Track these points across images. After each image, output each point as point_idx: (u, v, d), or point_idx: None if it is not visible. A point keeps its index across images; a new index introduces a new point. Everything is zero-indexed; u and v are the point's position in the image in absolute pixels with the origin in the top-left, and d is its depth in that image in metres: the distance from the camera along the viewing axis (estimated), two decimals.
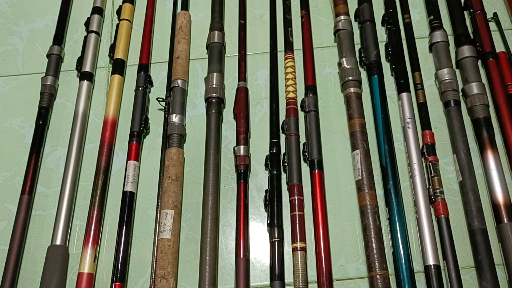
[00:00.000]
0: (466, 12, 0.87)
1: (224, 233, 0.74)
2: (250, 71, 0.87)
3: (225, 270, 0.71)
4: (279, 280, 0.66)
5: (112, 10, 0.96)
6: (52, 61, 0.87)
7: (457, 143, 0.74)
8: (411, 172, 0.73)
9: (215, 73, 0.82)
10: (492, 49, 0.81)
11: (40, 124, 0.81)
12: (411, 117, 0.76)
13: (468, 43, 0.81)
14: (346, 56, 0.81)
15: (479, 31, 0.83)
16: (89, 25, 0.91)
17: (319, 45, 0.89)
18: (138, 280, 0.71)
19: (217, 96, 0.81)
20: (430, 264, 0.66)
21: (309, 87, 0.81)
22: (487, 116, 0.75)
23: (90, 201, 0.74)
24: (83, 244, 0.70)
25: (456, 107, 0.77)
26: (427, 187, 0.71)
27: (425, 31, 0.88)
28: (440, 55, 0.81)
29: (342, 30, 0.85)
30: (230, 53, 0.89)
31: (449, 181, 0.74)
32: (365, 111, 0.78)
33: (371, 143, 0.76)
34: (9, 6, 0.99)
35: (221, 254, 0.72)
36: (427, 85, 0.82)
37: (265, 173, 0.77)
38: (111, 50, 0.88)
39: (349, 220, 0.73)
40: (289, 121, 0.78)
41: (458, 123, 0.76)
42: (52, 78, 0.85)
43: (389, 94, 0.81)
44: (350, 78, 0.79)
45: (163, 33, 0.92)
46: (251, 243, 0.72)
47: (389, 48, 0.83)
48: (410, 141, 0.74)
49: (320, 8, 0.93)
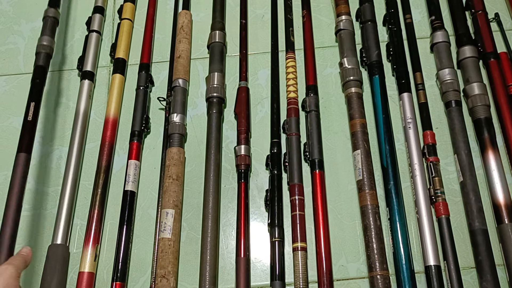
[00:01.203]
0: (468, 12, 0.86)
1: (225, 233, 0.74)
2: (251, 70, 0.87)
3: (225, 270, 0.71)
4: (280, 280, 0.67)
5: (113, 9, 0.96)
6: (47, 23, 0.84)
7: (458, 143, 0.74)
8: (412, 172, 0.72)
9: (216, 73, 0.82)
10: (493, 49, 0.81)
11: (37, 82, 0.77)
12: (412, 117, 0.76)
13: (470, 44, 0.81)
14: (347, 56, 0.81)
15: (480, 31, 0.83)
16: (91, 25, 0.91)
17: (320, 45, 0.88)
18: (138, 279, 0.71)
19: (218, 96, 0.81)
20: (430, 264, 0.66)
21: (310, 87, 0.81)
22: (488, 117, 0.75)
23: (90, 200, 0.74)
24: (83, 243, 0.71)
25: (457, 108, 0.77)
26: (427, 187, 0.71)
27: (427, 31, 0.88)
28: (441, 55, 0.81)
29: (343, 30, 0.85)
30: (231, 52, 0.89)
31: (450, 181, 0.74)
32: (366, 111, 0.78)
33: (372, 143, 0.76)
34: (10, 5, 0.99)
35: (222, 254, 0.72)
36: (428, 85, 0.82)
37: (266, 173, 0.77)
38: (112, 50, 0.88)
39: (350, 220, 0.73)
40: (290, 121, 0.78)
41: (459, 123, 0.75)
42: (48, 38, 0.82)
43: (390, 94, 0.81)
44: (351, 78, 0.79)
45: (164, 33, 0.92)
46: (251, 242, 0.72)
47: (390, 48, 0.83)
48: (411, 141, 0.74)
49: (321, 8, 0.93)
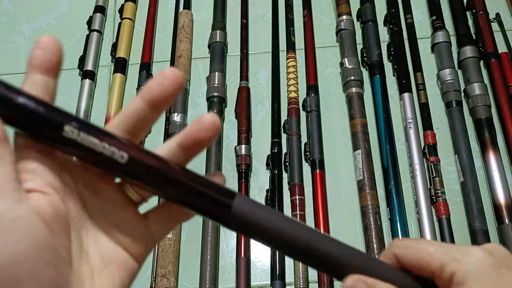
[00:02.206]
0: (469, 12, 0.86)
1: (225, 232, 0.74)
2: (252, 70, 0.87)
3: (225, 269, 0.71)
4: (280, 280, 0.67)
5: (114, 9, 0.96)
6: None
7: (459, 143, 0.74)
8: (412, 173, 0.72)
9: (216, 72, 0.82)
10: (494, 49, 0.81)
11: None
12: (412, 118, 0.76)
13: (470, 44, 0.81)
14: (348, 56, 0.81)
15: (481, 31, 0.82)
16: (91, 24, 0.91)
17: (321, 45, 0.88)
18: (138, 278, 0.71)
19: (219, 96, 0.81)
20: None
21: (311, 87, 0.81)
22: (489, 117, 0.75)
23: None
24: None
25: (458, 108, 0.77)
26: (428, 187, 0.71)
27: (427, 31, 0.88)
28: (442, 55, 0.81)
29: (344, 30, 0.84)
30: (232, 52, 0.89)
31: (450, 181, 0.74)
32: (367, 111, 0.78)
33: (373, 143, 0.76)
34: (11, 5, 0.99)
35: (222, 253, 0.72)
36: (429, 85, 0.82)
37: (267, 173, 0.77)
38: (113, 49, 0.88)
39: (350, 220, 0.73)
40: (291, 120, 0.78)
41: (459, 123, 0.75)
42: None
43: (390, 94, 0.81)
44: (352, 78, 0.79)
45: (165, 32, 0.92)
46: (252, 242, 0.72)
47: (391, 48, 0.83)
48: (412, 141, 0.74)
49: (322, 8, 0.93)
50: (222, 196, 0.27)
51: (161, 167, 0.26)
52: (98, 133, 0.25)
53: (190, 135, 0.26)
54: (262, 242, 0.27)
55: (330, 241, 0.27)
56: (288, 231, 0.27)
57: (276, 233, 0.27)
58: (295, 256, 0.28)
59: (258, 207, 0.27)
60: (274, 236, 0.27)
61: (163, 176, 0.26)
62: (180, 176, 0.26)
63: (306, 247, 0.27)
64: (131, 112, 0.26)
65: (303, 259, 0.28)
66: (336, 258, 0.27)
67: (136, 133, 0.27)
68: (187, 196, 0.26)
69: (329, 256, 0.27)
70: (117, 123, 0.26)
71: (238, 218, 0.26)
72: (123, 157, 0.25)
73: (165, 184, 0.26)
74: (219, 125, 0.26)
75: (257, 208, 0.27)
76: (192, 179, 0.26)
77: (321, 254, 0.27)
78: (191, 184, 0.26)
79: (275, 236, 0.27)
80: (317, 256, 0.27)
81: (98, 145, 0.24)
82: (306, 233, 0.27)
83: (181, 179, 0.26)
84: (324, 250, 0.27)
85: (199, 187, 0.26)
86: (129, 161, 0.25)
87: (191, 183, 0.26)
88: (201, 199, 0.26)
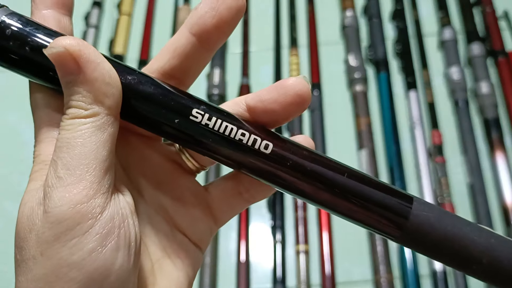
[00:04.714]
0: (476, 9, 0.85)
1: (225, 235, 0.72)
2: (253, 67, 0.85)
3: (225, 273, 0.69)
4: (281, 283, 0.65)
5: (112, 4, 0.94)
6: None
7: (466, 143, 0.73)
8: (418, 173, 0.71)
9: (217, 69, 0.81)
10: (502, 47, 0.79)
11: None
12: (418, 116, 0.75)
13: (478, 41, 0.79)
14: (352, 53, 0.80)
15: (489, 29, 0.81)
16: (89, 19, 0.89)
17: (325, 42, 0.87)
18: None
19: (219, 93, 0.79)
20: (436, 268, 0.64)
21: (315, 85, 0.80)
22: (497, 116, 0.74)
23: None
24: None
25: (465, 107, 0.75)
26: (434, 188, 0.70)
27: (434, 28, 0.86)
28: (449, 52, 0.80)
29: (348, 27, 0.83)
30: (233, 49, 0.87)
31: (457, 182, 0.73)
32: (372, 109, 0.77)
33: (378, 142, 0.75)
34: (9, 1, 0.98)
35: (222, 256, 0.70)
36: (436, 83, 0.80)
37: None
38: (111, 45, 0.87)
39: None
40: (293, 119, 0.76)
41: (467, 123, 0.74)
42: None
43: (396, 92, 0.79)
44: (356, 76, 0.78)
45: (164, 28, 0.90)
46: (252, 245, 0.70)
47: (397, 45, 0.82)
48: (418, 141, 0.73)
49: (326, 4, 0.91)
50: (401, 201, 0.20)
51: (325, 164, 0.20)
52: (232, 119, 0.21)
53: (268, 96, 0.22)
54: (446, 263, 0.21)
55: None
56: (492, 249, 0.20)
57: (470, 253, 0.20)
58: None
59: (442, 214, 0.21)
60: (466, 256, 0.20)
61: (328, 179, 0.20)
62: (344, 179, 0.20)
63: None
64: (180, 48, 0.20)
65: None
66: None
67: (183, 79, 0.22)
68: (356, 207, 0.21)
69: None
70: (158, 65, 0.21)
71: (417, 232, 0.20)
72: (267, 146, 0.20)
73: (331, 187, 0.20)
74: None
75: (442, 216, 0.21)
76: (363, 179, 0.20)
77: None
78: (360, 189, 0.20)
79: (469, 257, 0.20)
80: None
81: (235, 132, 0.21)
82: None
83: (346, 184, 0.20)
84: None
85: (371, 194, 0.20)
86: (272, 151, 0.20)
87: (359, 187, 0.20)
88: (374, 211, 0.21)
